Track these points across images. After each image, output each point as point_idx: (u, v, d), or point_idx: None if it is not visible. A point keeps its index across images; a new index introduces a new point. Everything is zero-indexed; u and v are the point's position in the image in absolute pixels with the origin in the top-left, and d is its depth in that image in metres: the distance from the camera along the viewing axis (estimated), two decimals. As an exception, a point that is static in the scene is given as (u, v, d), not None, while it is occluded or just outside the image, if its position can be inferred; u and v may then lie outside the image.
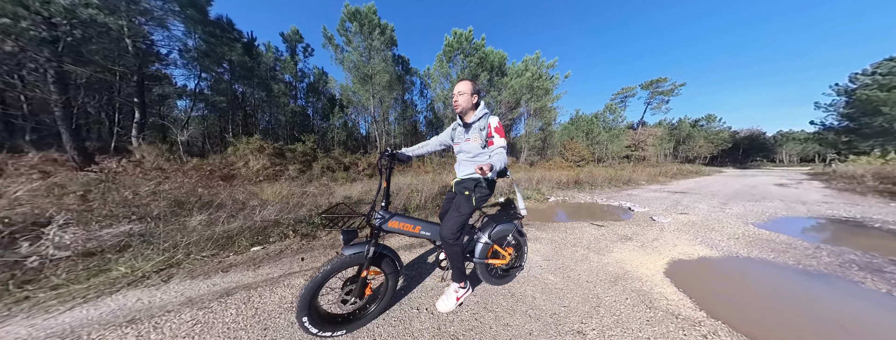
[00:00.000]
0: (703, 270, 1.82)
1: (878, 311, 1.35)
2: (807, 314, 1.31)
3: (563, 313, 1.28)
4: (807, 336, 1.14)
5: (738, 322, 1.22)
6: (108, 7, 5.60)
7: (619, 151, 16.08)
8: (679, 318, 1.24)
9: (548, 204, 4.42)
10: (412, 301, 1.37)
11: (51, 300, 1.32)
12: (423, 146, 1.48)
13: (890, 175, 5.60)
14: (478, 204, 1.24)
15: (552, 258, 1.98)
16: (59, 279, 1.46)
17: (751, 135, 43.08)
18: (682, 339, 1.11)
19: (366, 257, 1.09)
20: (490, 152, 1.21)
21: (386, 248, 1.19)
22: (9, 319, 1.19)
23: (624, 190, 6.20)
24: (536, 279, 1.64)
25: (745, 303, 1.39)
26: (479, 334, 1.15)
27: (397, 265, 1.22)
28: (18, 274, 1.47)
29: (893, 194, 4.92)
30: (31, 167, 3.65)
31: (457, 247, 1.22)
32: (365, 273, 1.10)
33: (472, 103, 1.22)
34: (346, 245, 1.09)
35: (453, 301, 1.29)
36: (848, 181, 6.66)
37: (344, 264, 1.06)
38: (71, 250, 1.66)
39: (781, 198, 4.94)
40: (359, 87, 10.67)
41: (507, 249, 1.51)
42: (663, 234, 2.60)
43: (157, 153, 5.22)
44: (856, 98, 15.30)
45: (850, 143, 16.08)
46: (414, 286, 1.53)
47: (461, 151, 1.33)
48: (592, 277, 1.67)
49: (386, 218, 1.18)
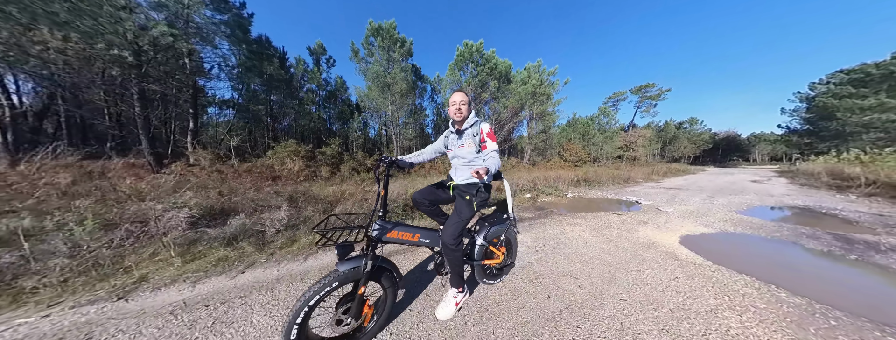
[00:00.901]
0: (704, 240, 2.59)
1: (813, 260, 2.15)
2: (772, 262, 2.09)
3: (622, 266, 2.00)
4: (770, 270, 1.91)
5: (731, 266, 1.98)
6: (183, 33, 6.26)
7: (612, 151, 17.31)
8: (694, 265, 1.98)
9: (567, 199, 5.18)
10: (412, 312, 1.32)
11: (291, 254, 1.98)
12: (419, 155, 1.49)
13: (839, 172, 6.77)
14: (478, 208, 1.24)
15: (597, 235, 2.71)
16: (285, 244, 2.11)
17: (728, 136, 46.37)
18: (699, 274, 1.85)
19: (363, 272, 1.00)
20: (484, 156, 1.24)
21: (385, 260, 1.12)
22: (269, 265, 1.80)
23: (626, 187, 7.09)
24: (592, 249, 2.34)
25: (733, 257, 2.16)
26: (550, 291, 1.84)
27: (396, 278, 1.14)
28: (255, 240, 2.08)
29: (840, 188, 6.03)
30: (122, 169, 4.10)
31: (458, 252, 1.22)
32: (362, 290, 1.02)
33: (467, 112, 1.29)
34: (341, 261, 1.00)
35: (452, 307, 1.29)
36: (808, 178, 7.86)
37: (339, 281, 0.96)
38: (284, 224, 2.30)
39: (755, 192, 5.95)
40: (378, 94, 11.34)
41: (501, 248, 1.57)
42: (671, 219, 3.40)
43: (212, 157, 5.66)
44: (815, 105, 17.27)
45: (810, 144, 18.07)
46: (410, 293, 1.50)
47: (456, 156, 1.36)
48: (632, 245, 2.40)
49: (385, 229, 1.12)
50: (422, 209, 1.53)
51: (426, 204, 1.48)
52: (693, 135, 30.33)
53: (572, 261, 2.04)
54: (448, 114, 1.34)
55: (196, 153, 5.79)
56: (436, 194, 1.45)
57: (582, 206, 4.48)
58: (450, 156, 1.42)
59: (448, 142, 1.42)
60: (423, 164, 3.06)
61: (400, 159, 1.35)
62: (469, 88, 12.46)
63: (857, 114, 15.26)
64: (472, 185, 1.27)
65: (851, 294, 1.57)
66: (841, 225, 3.13)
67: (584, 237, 2.61)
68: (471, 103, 1.31)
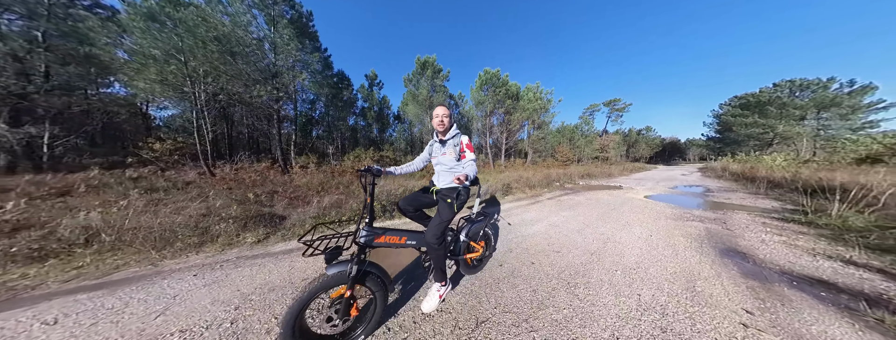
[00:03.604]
0: (653, 196, 6.12)
1: (687, 199, 5.79)
2: (674, 201, 5.67)
3: (619, 205, 5.36)
4: (673, 202, 5.44)
5: (659, 201, 5.46)
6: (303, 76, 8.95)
7: (591, 153, 21.99)
8: (647, 203, 5.41)
9: (581, 185, 8.66)
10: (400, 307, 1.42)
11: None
12: (409, 166, 1.62)
13: (726, 167, 11.34)
14: (458, 209, 1.38)
15: (608, 196, 6.09)
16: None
17: (672, 141, 57.31)
18: (649, 206, 5.25)
19: (349, 276, 1.06)
20: (463, 164, 1.42)
21: (372, 265, 1.16)
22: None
23: (611, 179, 10.92)
24: (605, 200, 5.70)
25: (661, 200, 5.69)
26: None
27: (385, 282, 1.18)
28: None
29: (719, 176, 10.48)
30: (264, 170, 6.62)
31: (441, 250, 1.35)
32: (349, 293, 1.07)
33: (449, 124, 1.46)
34: (329, 265, 1.07)
35: (436, 300, 1.42)
36: (712, 172, 12.53)
37: (326, 285, 1.03)
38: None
39: (680, 180, 10.08)
40: (420, 111, 14.35)
41: (480, 243, 1.77)
42: (639, 190, 6.96)
43: (316, 162, 8.21)
44: (721, 120, 24.12)
45: (720, 149, 24.88)
46: (399, 289, 1.63)
47: (439, 163, 1.54)
48: (622, 199, 5.79)
49: (372, 234, 1.18)
50: (408, 216, 1.63)
51: (411, 211, 1.61)
52: (649, 140, 37.93)
53: (599, 204, 5.34)
54: (432, 125, 1.50)
55: (307, 159, 8.43)
56: (419, 200, 1.58)
57: (591, 188, 7.96)
58: (433, 163, 1.61)
59: (433, 150, 1.61)
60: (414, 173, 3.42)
61: (387, 170, 1.45)
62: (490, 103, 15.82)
63: (744, 128, 22.00)
64: (452, 189, 1.44)
65: (694, 203, 5.08)
66: (705, 190, 6.95)
67: (599, 196, 5.95)
68: (452, 116, 1.47)
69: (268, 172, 7.29)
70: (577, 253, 2.36)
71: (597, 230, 3.22)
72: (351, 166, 8.57)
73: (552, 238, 2.83)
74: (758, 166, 9.25)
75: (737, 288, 1.73)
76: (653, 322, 1.37)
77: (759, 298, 1.61)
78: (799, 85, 21.42)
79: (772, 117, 21.31)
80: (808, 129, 20.07)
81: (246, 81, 8.30)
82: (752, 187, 6.83)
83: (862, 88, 19.42)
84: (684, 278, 1.88)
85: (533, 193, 6.56)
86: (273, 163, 8.42)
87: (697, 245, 2.58)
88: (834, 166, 7.37)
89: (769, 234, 2.88)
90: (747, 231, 3.02)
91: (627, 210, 4.43)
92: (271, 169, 7.59)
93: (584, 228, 3.32)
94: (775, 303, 1.55)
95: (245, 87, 8.24)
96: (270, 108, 8.53)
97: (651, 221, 3.67)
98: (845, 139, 10.47)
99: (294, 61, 9.02)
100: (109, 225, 2.57)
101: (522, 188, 6.87)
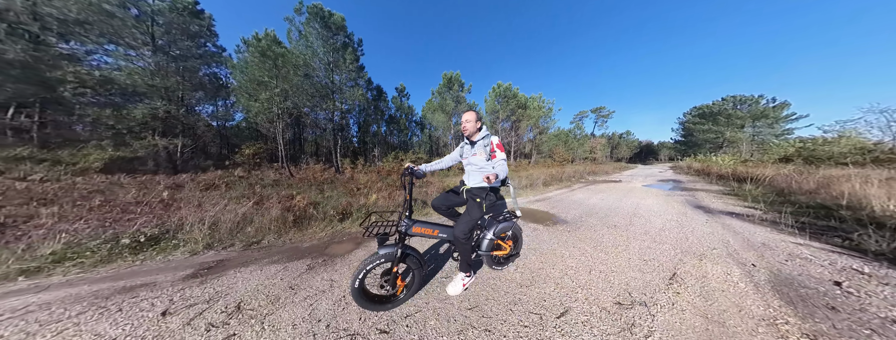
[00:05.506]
0: (646, 185, 8.80)
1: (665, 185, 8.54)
2: (667, 188, 8.38)
3: (630, 192, 7.94)
4: (660, 189, 8.13)
5: (650, 187, 8.12)
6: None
7: (583, 154, 25.35)
8: (643, 188, 8.03)
9: (590, 180, 11.29)
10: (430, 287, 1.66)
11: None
12: (439, 163, 1.77)
13: (690, 166, 14.71)
14: (487, 209, 1.48)
15: (613, 187, 8.67)
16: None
17: (648, 144, 64.68)
18: (644, 190, 7.86)
19: (395, 256, 1.38)
20: (493, 163, 1.49)
21: (410, 248, 1.47)
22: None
23: (609, 176, 13.77)
24: (614, 189, 8.27)
25: (653, 187, 8.36)
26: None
27: (420, 262, 1.49)
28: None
29: (686, 172, 13.74)
30: (320, 171, 8.56)
31: (467, 245, 1.48)
32: (395, 268, 1.39)
33: (476, 127, 1.58)
34: (380, 246, 1.41)
35: (460, 287, 1.57)
36: (680, 169, 15.93)
37: (378, 261, 1.36)
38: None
39: (656, 176, 13.14)
40: (446, 119, 16.56)
41: (508, 242, 1.82)
42: (635, 183, 9.66)
43: (361, 164, 10.20)
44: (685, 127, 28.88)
45: (686, 150, 29.60)
46: (431, 273, 1.87)
47: (469, 163, 1.63)
48: (626, 188, 8.39)
49: (411, 225, 1.46)
50: (440, 213, 1.80)
51: (443, 209, 1.77)
52: (629, 143, 43.07)
53: (616, 190, 7.88)
54: (461, 130, 1.64)
55: (356, 161, 10.46)
56: (450, 199, 1.72)
57: (599, 182, 10.60)
58: (464, 163, 1.70)
59: (463, 152, 1.71)
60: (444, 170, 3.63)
61: (419, 168, 1.60)
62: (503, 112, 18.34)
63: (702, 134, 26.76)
64: (482, 189, 1.55)
65: (675, 188, 7.75)
66: (678, 182, 9.79)
67: (612, 186, 8.51)
68: (480, 121, 1.60)
69: (323, 173, 9.10)
70: (626, 210, 4.68)
71: (628, 202, 5.61)
72: (394, 167, 10.49)
73: (608, 205, 5.16)
74: (711, 165, 12.51)
75: (701, 217, 4.12)
76: (670, 226, 3.67)
77: (710, 218, 4.00)
78: (740, 100, 26.73)
79: (722, 125, 26.35)
80: (747, 134, 25.11)
81: (314, 96, 10.20)
82: (708, 179, 9.81)
83: (780, 104, 24.97)
84: (679, 215, 4.25)
85: (566, 185, 8.98)
86: (328, 165, 10.33)
87: (683, 205, 5.03)
88: (764, 164, 10.56)
89: (715, 201, 5.43)
90: (705, 199, 5.58)
91: (637, 193, 6.93)
92: (326, 170, 9.41)
93: (620, 200, 5.72)
94: (716, 218, 3.94)
95: (311, 101, 10.30)
96: (328, 119, 10.69)
97: (654, 197, 6.15)
98: (773, 143, 14.22)
99: (349, 80, 11.14)
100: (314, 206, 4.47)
101: (555, 183, 9.28)
